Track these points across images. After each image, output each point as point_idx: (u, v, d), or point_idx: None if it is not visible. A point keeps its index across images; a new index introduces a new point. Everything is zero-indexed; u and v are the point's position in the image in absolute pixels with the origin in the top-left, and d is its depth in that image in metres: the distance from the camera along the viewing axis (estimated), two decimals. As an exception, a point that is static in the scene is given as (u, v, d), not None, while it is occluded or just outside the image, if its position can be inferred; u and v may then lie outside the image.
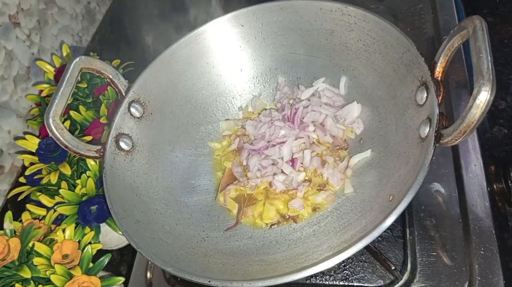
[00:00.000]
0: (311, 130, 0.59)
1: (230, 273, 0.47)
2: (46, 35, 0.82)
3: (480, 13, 0.41)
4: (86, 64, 0.52)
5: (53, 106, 0.48)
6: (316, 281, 0.54)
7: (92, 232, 0.55)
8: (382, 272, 0.53)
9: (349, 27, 0.56)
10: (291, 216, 0.54)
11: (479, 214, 0.53)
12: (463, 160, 0.58)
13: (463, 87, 0.65)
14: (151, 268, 0.59)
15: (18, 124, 0.73)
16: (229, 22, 0.62)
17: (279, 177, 0.57)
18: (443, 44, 0.44)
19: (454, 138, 0.39)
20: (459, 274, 0.50)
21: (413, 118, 0.47)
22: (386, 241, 0.55)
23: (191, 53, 0.62)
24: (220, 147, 0.64)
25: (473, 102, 0.36)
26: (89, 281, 0.49)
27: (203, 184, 0.61)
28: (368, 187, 0.52)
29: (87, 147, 0.51)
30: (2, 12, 0.71)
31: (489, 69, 0.35)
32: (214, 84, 0.66)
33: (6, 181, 0.71)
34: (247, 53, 0.65)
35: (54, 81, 0.72)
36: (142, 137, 0.57)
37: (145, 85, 0.58)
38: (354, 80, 0.60)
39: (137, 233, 0.47)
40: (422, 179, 0.38)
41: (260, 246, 0.52)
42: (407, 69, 0.49)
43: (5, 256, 0.49)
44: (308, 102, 0.61)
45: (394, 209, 0.38)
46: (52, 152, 0.58)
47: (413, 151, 0.45)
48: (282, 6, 0.59)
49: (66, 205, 0.55)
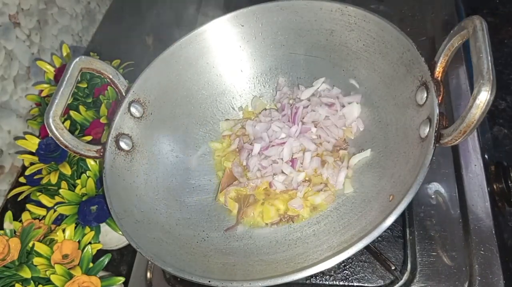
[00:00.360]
0: (312, 131, 0.59)
1: (230, 273, 0.47)
2: (46, 35, 0.82)
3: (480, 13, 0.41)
4: (86, 64, 0.52)
5: (53, 106, 0.48)
6: (316, 281, 0.54)
7: (92, 232, 0.55)
8: (382, 272, 0.53)
9: (349, 27, 0.56)
10: (291, 216, 0.54)
11: (479, 214, 0.53)
12: (463, 160, 0.58)
13: (463, 87, 0.65)
14: (151, 268, 0.59)
15: (18, 124, 0.73)
16: (229, 22, 0.62)
17: (279, 177, 0.57)
18: (443, 44, 0.44)
19: (454, 138, 0.39)
20: (459, 274, 0.50)
21: (413, 118, 0.47)
22: (386, 241, 0.55)
23: (191, 53, 0.62)
24: (220, 147, 0.64)
25: (473, 102, 0.36)
26: (89, 281, 0.49)
27: (203, 184, 0.61)
28: (368, 187, 0.52)
29: (87, 147, 0.51)
30: (2, 12, 0.71)
31: (489, 69, 0.35)
32: (214, 84, 0.66)
33: (6, 181, 0.71)
34: (247, 53, 0.65)
35: (54, 81, 0.72)
36: (142, 137, 0.57)
37: (145, 85, 0.58)
38: (354, 80, 0.60)
39: (137, 233, 0.47)
40: (422, 179, 0.38)
41: (260, 246, 0.52)
42: (407, 69, 0.49)
43: (5, 256, 0.49)
44: (308, 102, 0.61)
45: (394, 209, 0.38)
46: (52, 152, 0.58)
47: (413, 151, 0.45)
48: (282, 6, 0.59)
49: (66, 205, 0.55)
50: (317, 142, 0.59)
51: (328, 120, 0.60)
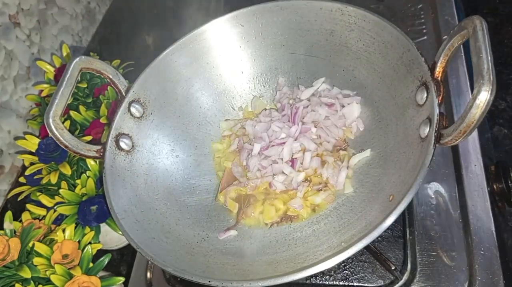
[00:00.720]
0: (312, 131, 0.59)
1: (230, 273, 0.47)
2: (46, 35, 0.82)
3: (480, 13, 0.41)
4: (86, 64, 0.52)
5: (53, 106, 0.48)
6: (316, 281, 0.54)
7: (92, 232, 0.55)
8: (382, 272, 0.53)
9: (349, 27, 0.56)
10: (291, 216, 0.54)
11: (479, 214, 0.53)
12: (463, 160, 0.58)
13: (463, 87, 0.65)
14: (151, 268, 0.59)
15: (18, 124, 0.73)
16: (229, 22, 0.62)
17: (279, 177, 0.57)
18: (443, 44, 0.44)
19: (454, 138, 0.39)
20: (459, 274, 0.50)
21: (413, 118, 0.47)
22: (386, 241, 0.55)
23: (191, 53, 0.62)
24: (221, 148, 0.64)
25: (473, 102, 0.36)
26: (89, 281, 0.49)
27: (203, 184, 0.61)
28: (368, 187, 0.52)
29: (87, 147, 0.51)
30: (2, 12, 0.71)
31: (489, 69, 0.35)
32: (214, 84, 0.66)
33: (6, 181, 0.71)
34: (247, 53, 0.65)
35: (54, 81, 0.72)
36: (142, 137, 0.57)
37: (145, 85, 0.58)
38: (354, 80, 0.60)
39: (137, 233, 0.47)
40: (422, 179, 0.38)
41: (260, 246, 0.52)
42: (407, 69, 0.49)
43: (5, 256, 0.49)
44: (308, 102, 0.61)
45: (394, 209, 0.38)
46: (52, 152, 0.58)
47: (413, 151, 0.45)
48: (282, 6, 0.59)
49: (66, 205, 0.55)
50: (317, 142, 0.59)
51: (328, 120, 0.60)
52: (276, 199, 0.55)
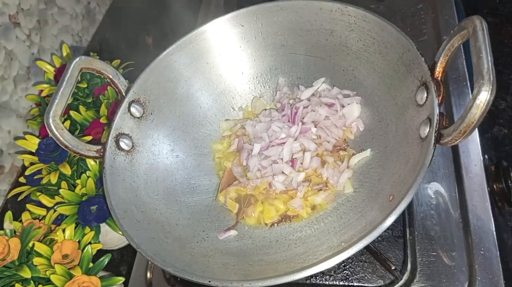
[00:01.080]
0: (312, 131, 0.59)
1: (230, 273, 0.47)
2: (46, 35, 0.82)
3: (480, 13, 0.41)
4: (86, 64, 0.52)
5: (53, 106, 0.48)
6: (316, 281, 0.54)
7: (92, 232, 0.55)
8: (382, 272, 0.53)
9: (349, 27, 0.56)
10: (291, 216, 0.54)
11: (479, 214, 0.53)
12: (463, 160, 0.58)
13: (463, 87, 0.65)
14: (151, 268, 0.59)
15: (18, 124, 0.73)
16: (229, 22, 0.62)
17: (279, 177, 0.57)
18: (443, 44, 0.44)
19: (454, 138, 0.39)
20: (459, 274, 0.50)
21: (413, 118, 0.47)
22: (386, 241, 0.55)
23: (191, 53, 0.62)
24: (221, 148, 0.64)
25: (473, 102, 0.36)
26: (89, 281, 0.49)
27: (203, 184, 0.61)
28: (368, 187, 0.52)
29: (87, 147, 0.51)
30: (2, 12, 0.71)
31: (489, 69, 0.35)
32: (214, 84, 0.66)
33: (6, 181, 0.71)
34: (247, 53, 0.65)
35: (54, 81, 0.72)
36: (142, 137, 0.57)
37: (145, 85, 0.58)
38: (354, 80, 0.60)
39: (137, 233, 0.47)
40: (422, 179, 0.38)
41: (260, 246, 0.52)
42: (407, 69, 0.49)
43: (5, 256, 0.49)
44: (308, 102, 0.61)
45: (394, 209, 0.38)
46: (52, 152, 0.58)
47: (413, 151, 0.45)
48: (282, 6, 0.59)
49: (66, 205, 0.55)
50: (317, 142, 0.59)
51: (328, 120, 0.60)
52: (276, 199, 0.55)
